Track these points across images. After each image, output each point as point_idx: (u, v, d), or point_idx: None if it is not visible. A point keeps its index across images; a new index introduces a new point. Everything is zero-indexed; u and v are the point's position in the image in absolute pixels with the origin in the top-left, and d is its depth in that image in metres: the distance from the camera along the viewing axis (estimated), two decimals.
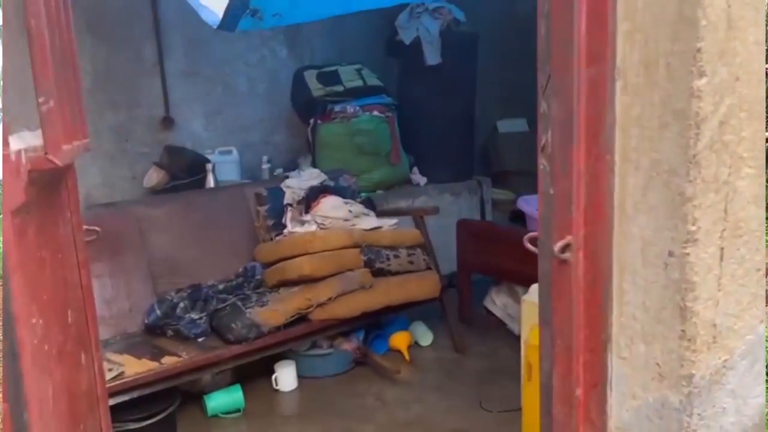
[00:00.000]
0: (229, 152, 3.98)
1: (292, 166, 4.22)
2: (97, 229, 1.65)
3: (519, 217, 4.60)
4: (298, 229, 2.89)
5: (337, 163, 3.96)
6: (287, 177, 3.48)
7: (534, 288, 2.48)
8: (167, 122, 3.88)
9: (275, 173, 4.04)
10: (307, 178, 3.38)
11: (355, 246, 2.84)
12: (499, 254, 3.34)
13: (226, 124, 4.12)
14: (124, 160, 3.79)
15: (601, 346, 1.28)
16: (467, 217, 4.34)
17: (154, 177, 3.64)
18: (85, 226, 1.62)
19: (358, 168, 3.96)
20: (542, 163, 1.32)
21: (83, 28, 3.56)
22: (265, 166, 3.94)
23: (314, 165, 4.04)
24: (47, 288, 1.15)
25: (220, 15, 2.13)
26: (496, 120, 5.40)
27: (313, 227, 2.91)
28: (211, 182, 3.54)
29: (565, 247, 1.25)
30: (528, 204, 3.48)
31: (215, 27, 2.13)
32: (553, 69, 1.24)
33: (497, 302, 3.56)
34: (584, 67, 1.19)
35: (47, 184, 1.20)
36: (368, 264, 2.83)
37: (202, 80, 3.99)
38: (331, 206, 2.98)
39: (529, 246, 1.38)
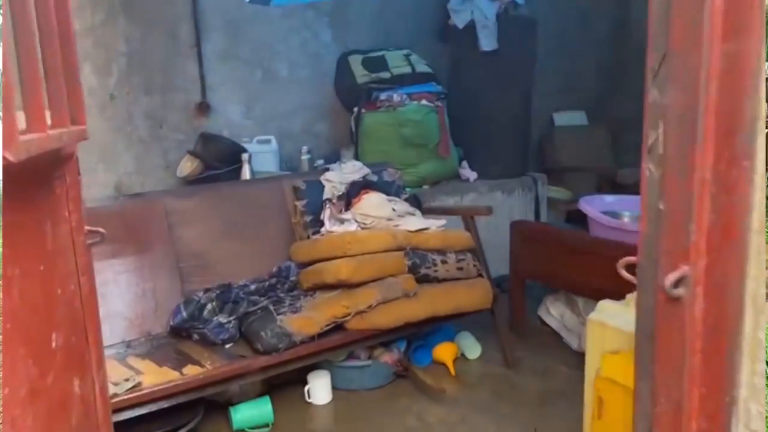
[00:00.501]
0: (268, 141, 3.75)
1: (334, 157, 3.98)
2: (101, 230, 1.41)
3: (577, 218, 4.25)
4: (337, 228, 2.63)
5: (381, 155, 3.69)
6: (327, 170, 3.23)
7: (604, 305, 2.15)
8: (203, 108, 3.67)
9: (315, 165, 3.80)
10: (348, 171, 3.11)
11: (399, 249, 2.57)
12: (558, 260, 3.02)
13: (266, 111, 3.90)
14: (158, 148, 3.60)
15: (724, 412, 0.98)
16: (520, 216, 4.02)
17: (187, 166, 3.44)
18: (87, 227, 1.39)
19: (404, 161, 3.68)
20: (648, 167, 1.01)
21: (118, 8, 3.38)
22: (305, 157, 3.70)
23: (357, 157, 3.78)
24: (17, 313, 0.91)
25: None
26: (553, 112, 5.05)
27: (354, 227, 2.65)
28: (247, 173, 3.32)
29: (679, 281, 0.95)
30: (591, 205, 3.13)
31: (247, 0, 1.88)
32: (672, 45, 0.93)
33: (553, 312, 3.25)
34: (718, 42, 0.88)
35: (24, 182, 0.96)
36: (413, 269, 2.55)
37: (241, 64, 3.77)
38: (373, 204, 2.71)
39: (624, 274, 1.08)
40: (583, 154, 4.91)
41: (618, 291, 1.98)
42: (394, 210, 2.71)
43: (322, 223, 2.93)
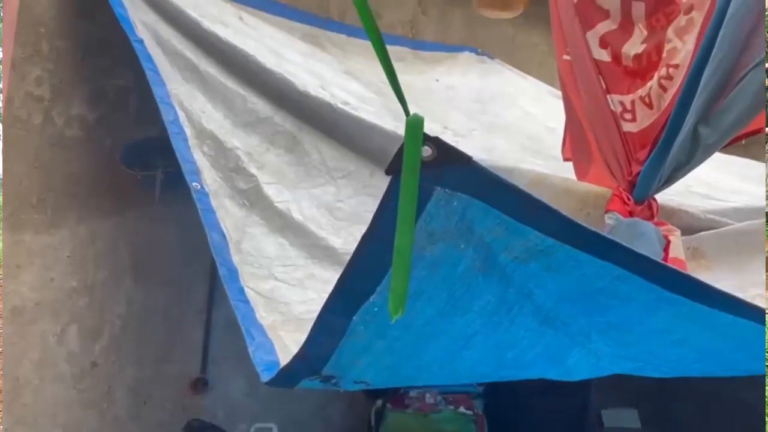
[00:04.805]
0: (268, 430, 3.11)
1: None
2: None
3: None
4: None
5: None
6: None
7: None
8: (199, 384, 3.10)
9: None
10: None
11: None
12: None
13: (272, 389, 3.29)
14: (136, 429, 2.96)
15: None
16: None
17: None
18: None
19: None
20: None
21: (126, 265, 2.96)
22: None
23: None
24: None
25: (279, 362, 1.37)
26: (601, 408, 4.37)
27: None
28: None
29: None
30: None
31: (263, 380, 1.37)
32: None
33: None
34: None
35: None
36: None
37: None
38: None
39: None
40: None
41: None
42: None
43: None
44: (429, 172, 0.90)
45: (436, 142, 0.89)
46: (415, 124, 0.86)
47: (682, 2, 1.82)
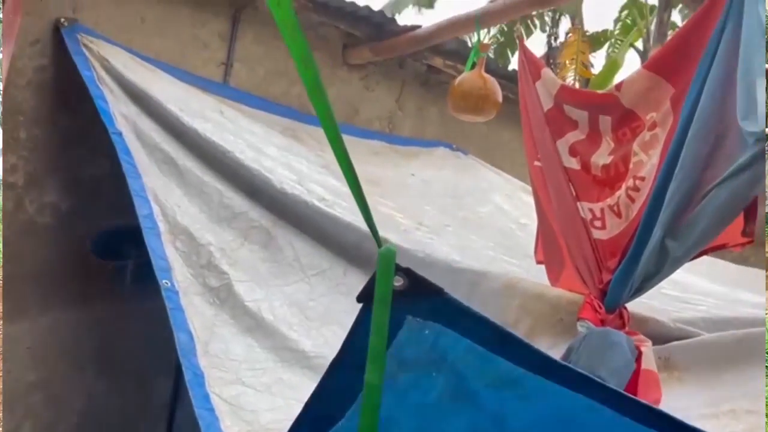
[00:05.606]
0: None
1: None
2: None
3: None
4: None
5: None
6: None
7: None
8: None
9: None
10: None
11: None
12: None
13: None
14: None
15: None
16: None
17: None
18: None
19: None
20: None
21: (88, 358, 2.87)
22: None
23: None
24: None
25: None
26: None
27: None
28: None
29: None
30: None
31: None
32: None
33: None
34: None
35: None
36: None
37: None
38: None
39: None
40: None
41: None
42: None
43: None
44: (400, 302, 0.90)
45: (408, 273, 0.89)
46: (387, 256, 0.87)
47: (646, 119, 1.90)
